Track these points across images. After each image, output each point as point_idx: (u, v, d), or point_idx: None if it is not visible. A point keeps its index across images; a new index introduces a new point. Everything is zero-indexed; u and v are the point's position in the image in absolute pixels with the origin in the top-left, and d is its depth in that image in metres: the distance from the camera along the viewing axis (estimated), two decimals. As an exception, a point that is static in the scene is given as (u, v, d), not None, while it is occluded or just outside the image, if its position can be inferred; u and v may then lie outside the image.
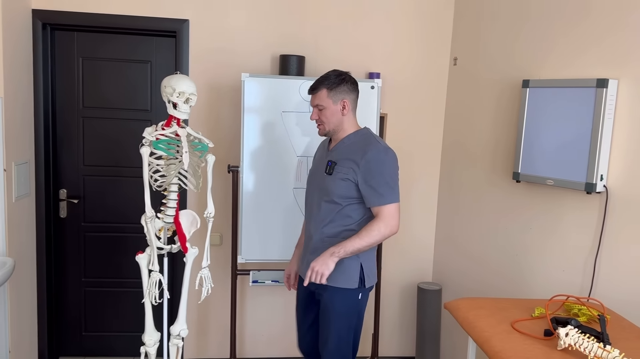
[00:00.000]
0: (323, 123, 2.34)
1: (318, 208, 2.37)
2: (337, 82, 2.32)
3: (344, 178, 2.28)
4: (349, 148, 2.33)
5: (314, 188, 2.42)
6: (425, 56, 3.38)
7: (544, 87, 2.54)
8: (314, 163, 2.52)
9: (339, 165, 2.31)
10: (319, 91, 2.32)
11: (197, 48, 3.19)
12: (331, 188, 2.30)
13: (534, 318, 2.09)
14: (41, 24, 3.07)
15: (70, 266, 3.37)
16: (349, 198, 2.30)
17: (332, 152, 2.38)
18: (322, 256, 2.23)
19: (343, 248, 2.23)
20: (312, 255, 2.39)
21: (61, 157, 3.28)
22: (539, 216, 2.66)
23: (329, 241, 2.33)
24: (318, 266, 2.21)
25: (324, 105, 2.31)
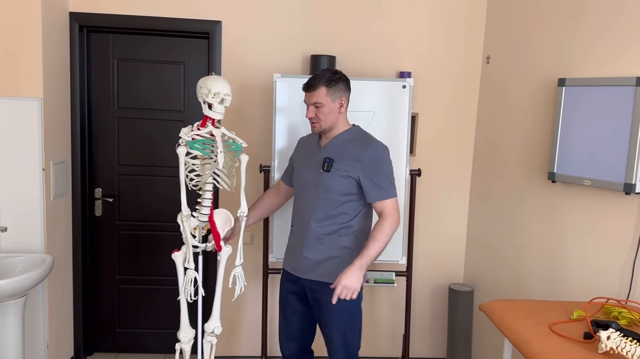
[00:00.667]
0: (319, 121, 2.35)
1: (313, 206, 2.38)
2: (335, 79, 2.34)
3: (345, 175, 2.31)
4: (346, 145, 2.36)
5: (307, 185, 2.42)
6: (457, 55, 3.36)
7: (580, 85, 2.49)
8: (301, 160, 2.50)
9: (337, 162, 2.33)
10: (317, 89, 2.32)
11: (229, 49, 3.23)
12: (330, 185, 2.32)
13: (572, 320, 2.06)
14: (78, 27, 3.13)
15: (105, 264, 3.44)
16: (348, 194, 2.33)
17: (325, 149, 2.40)
18: (350, 272, 2.18)
19: (367, 257, 2.23)
20: (307, 251, 2.39)
21: (97, 157, 3.35)
22: (575, 217, 2.61)
23: (326, 239, 2.36)
24: (349, 282, 2.17)
25: (323, 103, 2.32)
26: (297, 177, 2.50)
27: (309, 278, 2.41)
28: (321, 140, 2.45)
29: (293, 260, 2.48)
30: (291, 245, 2.52)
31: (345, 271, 2.19)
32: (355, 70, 3.28)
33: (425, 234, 3.46)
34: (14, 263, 2.68)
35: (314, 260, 2.39)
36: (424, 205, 3.43)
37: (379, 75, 3.30)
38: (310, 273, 2.41)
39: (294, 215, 2.53)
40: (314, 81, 2.33)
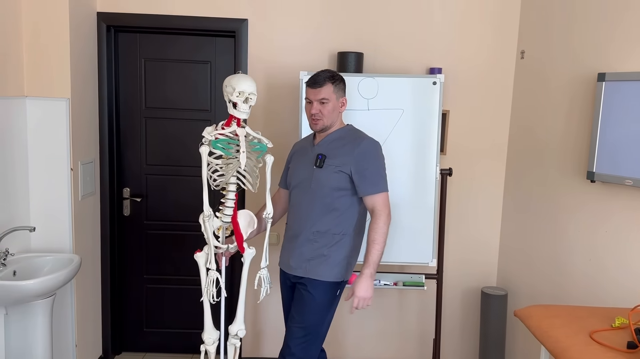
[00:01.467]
0: (323, 117, 2.38)
1: (307, 203, 2.41)
2: (339, 79, 2.41)
3: (337, 171, 2.35)
4: (338, 142, 2.41)
5: (301, 182, 2.45)
6: (489, 49, 3.24)
7: (622, 80, 2.37)
8: (296, 160, 2.54)
9: (330, 157, 2.37)
10: (324, 85, 2.36)
11: (255, 47, 3.19)
12: (323, 180, 2.36)
13: (614, 328, 1.94)
14: (105, 27, 3.14)
15: (133, 264, 3.44)
16: (340, 189, 2.37)
17: (318, 147, 2.44)
18: (363, 282, 2.29)
19: (374, 264, 2.31)
20: (300, 248, 2.42)
21: (124, 157, 3.36)
22: (616, 218, 2.48)
23: (319, 236, 2.39)
24: (365, 293, 2.29)
25: (329, 99, 2.37)
26: (292, 175, 2.53)
27: (297, 274, 2.44)
28: (315, 139, 2.49)
29: (285, 257, 2.52)
30: (285, 243, 2.55)
31: (356, 282, 2.30)
32: (384, 66, 3.21)
33: (457, 235, 3.36)
34: (42, 262, 2.69)
35: (305, 256, 2.42)
36: (454, 205, 3.32)
37: (408, 71, 3.21)
38: (299, 270, 2.43)
39: (289, 213, 2.56)
40: (320, 78, 2.37)
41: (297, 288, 2.48)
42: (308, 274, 2.41)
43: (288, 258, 2.49)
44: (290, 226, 2.52)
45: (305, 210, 2.42)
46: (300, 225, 2.44)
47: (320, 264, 2.39)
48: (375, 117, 2.91)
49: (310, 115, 2.40)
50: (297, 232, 2.45)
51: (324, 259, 2.39)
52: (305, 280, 2.41)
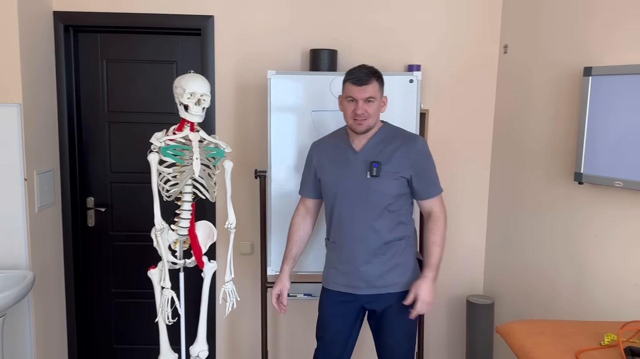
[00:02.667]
0: (369, 117, 2.17)
1: (364, 216, 2.20)
2: (380, 75, 2.22)
3: (397, 177, 2.19)
4: (386, 145, 2.22)
5: (350, 194, 2.21)
6: (471, 44, 3.07)
7: (609, 74, 2.21)
8: (332, 168, 2.27)
9: (384, 164, 2.18)
10: (371, 83, 2.15)
11: (223, 45, 3.01)
12: (382, 189, 2.19)
13: (603, 346, 1.77)
14: (63, 26, 2.96)
15: (99, 277, 3.26)
16: (401, 195, 2.23)
17: (364, 152, 2.21)
18: (427, 286, 2.16)
19: (437, 267, 2.20)
20: (367, 265, 2.22)
21: (87, 164, 3.17)
22: (606, 222, 2.31)
23: (387, 248, 2.22)
24: (429, 297, 2.16)
25: (376, 98, 2.17)
26: (334, 188, 2.26)
27: (373, 293, 2.25)
28: (353, 143, 2.25)
29: (345, 278, 2.27)
30: (336, 262, 2.29)
31: (420, 286, 2.16)
32: (359, 64, 3.02)
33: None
34: (-9, 281, 2.51)
35: (377, 273, 2.23)
36: (438, 210, 3.15)
37: (385, 69, 3.01)
38: (373, 288, 2.25)
39: (334, 230, 2.29)
40: (364, 74, 2.14)
41: (380, 318, 2.29)
42: (386, 289, 2.24)
43: (350, 278, 2.26)
44: (341, 245, 2.27)
45: (364, 223, 2.21)
46: (359, 242, 2.22)
47: (396, 274, 2.24)
48: (350, 118, 2.73)
49: (355, 115, 2.16)
50: (358, 250, 2.23)
51: (399, 268, 2.25)
52: (384, 297, 2.24)
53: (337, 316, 2.33)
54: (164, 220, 2.20)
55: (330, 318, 2.34)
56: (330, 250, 2.33)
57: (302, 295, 2.79)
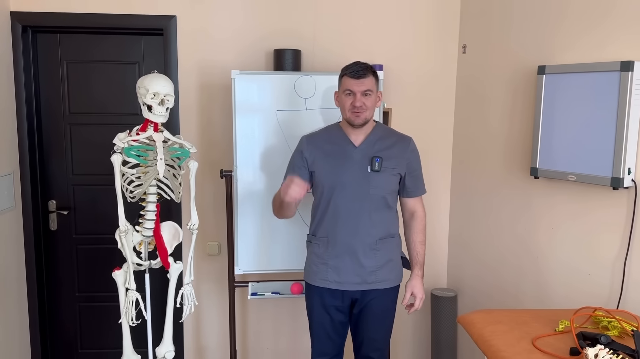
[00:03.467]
0: (367, 109, 2.24)
1: (362, 210, 2.26)
2: (376, 72, 2.30)
3: (395, 173, 2.29)
4: (384, 141, 2.32)
5: (348, 188, 2.25)
6: (431, 45, 3.15)
7: (561, 72, 2.30)
8: (329, 160, 2.28)
9: (386, 159, 2.28)
10: (368, 76, 2.24)
11: (186, 46, 3.01)
12: (383, 184, 2.27)
13: (558, 333, 1.86)
14: (21, 27, 2.90)
15: (63, 282, 3.21)
16: (394, 192, 2.34)
17: (364, 147, 2.28)
18: (420, 284, 2.35)
19: (423, 264, 2.38)
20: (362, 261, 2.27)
21: (48, 167, 3.12)
22: (561, 215, 2.41)
23: (381, 243, 2.30)
24: (423, 293, 2.36)
25: (373, 91, 2.25)
26: (331, 181, 2.27)
27: (362, 289, 2.30)
28: (351, 138, 2.30)
29: (336, 274, 2.29)
30: (326, 258, 2.30)
31: (414, 285, 2.34)
32: (323, 64, 3.07)
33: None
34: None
35: (371, 268, 2.29)
36: (401, 206, 3.22)
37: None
38: (364, 284, 2.30)
39: (327, 224, 2.29)
40: (360, 68, 2.23)
41: (363, 310, 2.34)
42: (377, 285, 2.30)
43: (341, 274, 2.28)
44: (334, 240, 2.27)
45: (363, 220, 2.26)
46: (357, 236, 2.25)
47: (387, 270, 2.32)
48: (314, 117, 2.77)
49: (353, 107, 2.21)
50: (354, 245, 2.26)
51: (390, 264, 2.33)
52: (373, 292, 2.31)
53: (324, 315, 2.35)
54: (129, 221, 2.19)
55: (319, 317, 2.36)
56: (319, 246, 2.32)
57: (270, 293, 2.81)
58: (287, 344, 3.29)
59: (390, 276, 2.34)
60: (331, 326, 2.37)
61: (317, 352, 2.42)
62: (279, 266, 2.81)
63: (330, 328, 2.38)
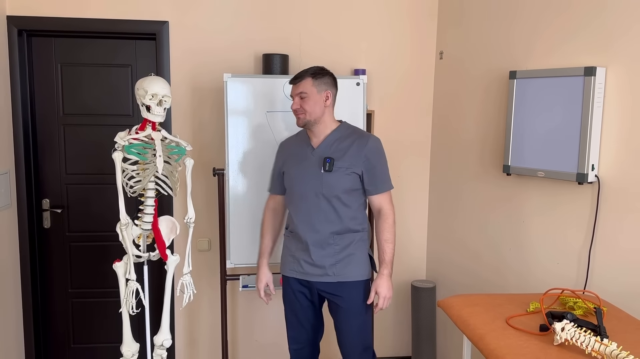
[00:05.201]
0: (305, 112, 2.32)
1: (317, 208, 2.34)
2: (322, 73, 2.36)
3: (349, 172, 2.31)
4: (342, 142, 2.35)
5: (306, 188, 2.36)
6: (411, 51, 3.34)
7: (531, 77, 2.49)
8: (293, 165, 2.43)
9: (337, 159, 2.31)
10: (303, 79, 2.32)
11: (177, 50, 3.13)
12: (335, 184, 2.31)
13: (529, 313, 2.04)
14: (17, 31, 2.99)
15: (56, 278, 3.29)
16: (353, 190, 2.34)
17: (320, 149, 2.36)
18: (385, 283, 2.32)
19: (390, 263, 2.35)
20: (318, 255, 2.35)
21: (43, 166, 3.21)
22: (531, 209, 2.61)
23: (338, 239, 2.35)
24: (388, 292, 2.33)
25: (308, 93, 2.31)
26: (292, 181, 2.42)
27: (325, 281, 2.37)
28: (312, 141, 2.40)
29: (299, 265, 2.42)
30: (294, 251, 2.44)
31: (379, 284, 2.32)
32: (309, 68, 3.22)
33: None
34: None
35: (328, 262, 2.36)
36: (383, 203, 3.39)
37: (333, 72, 3.23)
38: (326, 276, 2.37)
39: (292, 221, 2.45)
40: (300, 73, 2.35)
41: (330, 302, 2.42)
42: (338, 278, 2.35)
43: (304, 265, 2.39)
44: (298, 234, 2.40)
45: (317, 216, 2.34)
46: (313, 231, 2.35)
47: (348, 264, 2.35)
48: (301, 118, 2.92)
49: (293, 111, 2.35)
50: (311, 239, 2.36)
51: (351, 258, 2.36)
52: (335, 285, 2.36)
53: (296, 302, 2.48)
54: (128, 216, 2.31)
55: (292, 304, 2.50)
56: (289, 239, 2.50)
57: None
58: (275, 336, 3.42)
59: (353, 270, 2.36)
60: (302, 312, 2.47)
61: (291, 340, 2.53)
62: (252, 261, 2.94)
63: (301, 314, 2.48)
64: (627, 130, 2.16)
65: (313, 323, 2.51)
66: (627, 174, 2.16)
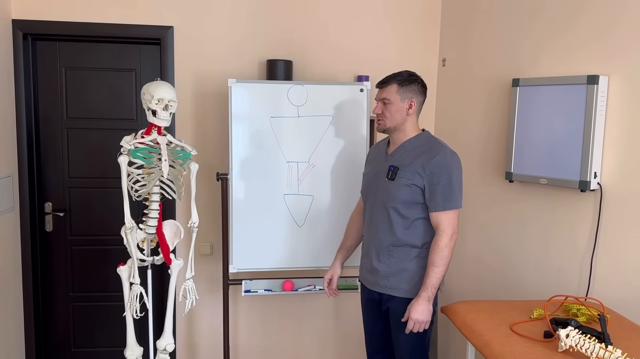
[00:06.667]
0: (385, 118, 2.29)
1: (380, 216, 2.32)
2: (409, 80, 2.29)
3: (409, 184, 2.22)
4: (412, 152, 2.27)
5: (374, 194, 2.36)
6: (414, 58, 3.36)
7: (534, 85, 2.51)
8: (370, 167, 2.45)
9: (402, 170, 2.25)
10: (389, 85, 2.28)
11: (182, 55, 3.15)
12: (394, 193, 2.25)
13: (533, 319, 2.05)
14: (22, 35, 3.00)
15: (58, 281, 3.29)
16: (414, 203, 2.24)
17: (392, 156, 2.33)
18: (418, 305, 2.18)
19: (431, 287, 2.19)
20: (376, 263, 2.33)
21: (46, 170, 3.21)
22: (534, 215, 2.62)
23: (396, 251, 2.29)
24: (420, 316, 2.18)
25: (391, 100, 2.27)
26: (365, 186, 2.44)
27: (378, 291, 2.36)
28: (389, 147, 2.38)
29: (364, 271, 2.44)
30: (363, 255, 2.46)
31: (413, 304, 2.19)
32: (313, 74, 3.25)
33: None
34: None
35: (383, 272, 2.32)
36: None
37: (337, 79, 3.27)
38: (378, 286, 2.35)
39: (363, 224, 2.46)
40: (388, 78, 2.30)
41: (385, 313, 2.39)
42: (388, 291, 2.31)
43: (366, 272, 2.40)
44: (365, 240, 2.42)
45: (378, 224, 2.32)
46: (374, 239, 2.34)
47: (400, 279, 2.27)
48: (306, 124, 2.94)
49: (375, 115, 2.32)
50: (372, 246, 2.35)
51: (405, 274, 2.27)
52: (387, 297, 2.31)
53: (364, 307, 2.50)
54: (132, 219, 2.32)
55: (362, 308, 2.53)
56: (362, 242, 2.51)
57: (262, 290, 2.95)
58: (276, 341, 3.42)
59: (403, 285, 2.28)
60: (366, 315, 2.49)
61: (366, 344, 2.55)
62: (271, 265, 2.95)
63: (369, 321, 2.49)
64: (630, 138, 2.18)
65: (381, 328, 2.46)
66: (629, 182, 2.18)
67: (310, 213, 2.97)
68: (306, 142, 2.94)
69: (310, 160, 2.95)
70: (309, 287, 3.00)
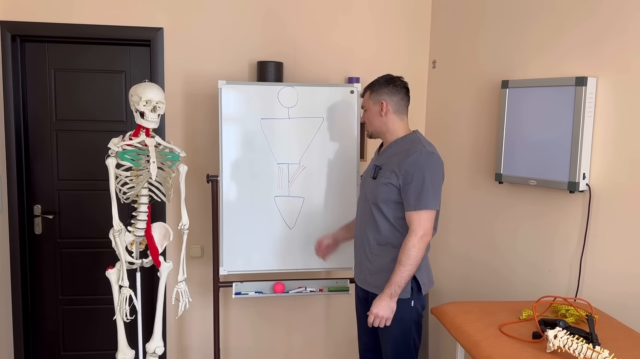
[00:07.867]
0: (367, 124, 2.41)
1: (365, 215, 2.38)
2: (381, 83, 2.35)
3: (387, 183, 2.25)
4: (395, 152, 2.31)
5: (364, 192, 2.42)
6: (404, 59, 3.36)
7: (523, 87, 2.53)
8: (367, 168, 2.51)
9: (383, 169, 2.30)
10: (365, 93, 2.41)
11: (172, 56, 3.14)
12: (375, 192, 2.30)
13: (522, 320, 2.06)
14: (10, 36, 2.98)
15: (47, 284, 3.27)
16: (394, 202, 2.25)
17: (380, 156, 2.40)
18: (381, 301, 2.19)
19: (395, 285, 2.18)
20: (363, 261, 2.37)
21: (34, 172, 3.19)
22: (523, 217, 2.63)
23: (378, 250, 2.31)
24: (380, 311, 2.19)
25: (366, 107, 2.39)
26: (361, 184, 2.54)
27: (364, 288, 2.40)
28: (382, 148, 2.45)
29: (355, 268, 2.50)
30: (354, 253, 2.51)
31: (376, 299, 2.22)
32: (304, 76, 3.24)
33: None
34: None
35: (367, 270, 2.37)
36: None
37: (327, 81, 3.27)
38: (365, 284, 2.39)
39: (356, 222, 2.53)
40: (366, 86, 2.40)
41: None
42: (372, 289, 2.32)
43: (356, 269, 2.47)
44: (355, 237, 2.48)
45: (364, 222, 2.37)
46: (362, 236, 2.38)
47: (383, 279, 2.25)
48: (296, 125, 2.94)
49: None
50: (360, 243, 2.40)
51: (386, 274, 2.23)
52: (373, 295, 2.30)
53: (356, 304, 2.55)
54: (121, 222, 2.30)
55: (356, 305, 2.57)
56: None
57: (253, 292, 2.95)
58: (267, 344, 3.41)
59: (384, 284, 2.23)
60: (361, 315, 2.50)
61: (358, 341, 2.58)
62: (262, 267, 2.95)
63: (361, 318, 2.51)
64: (618, 140, 2.19)
65: (370, 329, 2.44)
66: (617, 183, 2.19)
67: (301, 214, 2.96)
68: (297, 144, 2.93)
69: (301, 162, 2.95)
70: (300, 289, 3.00)
